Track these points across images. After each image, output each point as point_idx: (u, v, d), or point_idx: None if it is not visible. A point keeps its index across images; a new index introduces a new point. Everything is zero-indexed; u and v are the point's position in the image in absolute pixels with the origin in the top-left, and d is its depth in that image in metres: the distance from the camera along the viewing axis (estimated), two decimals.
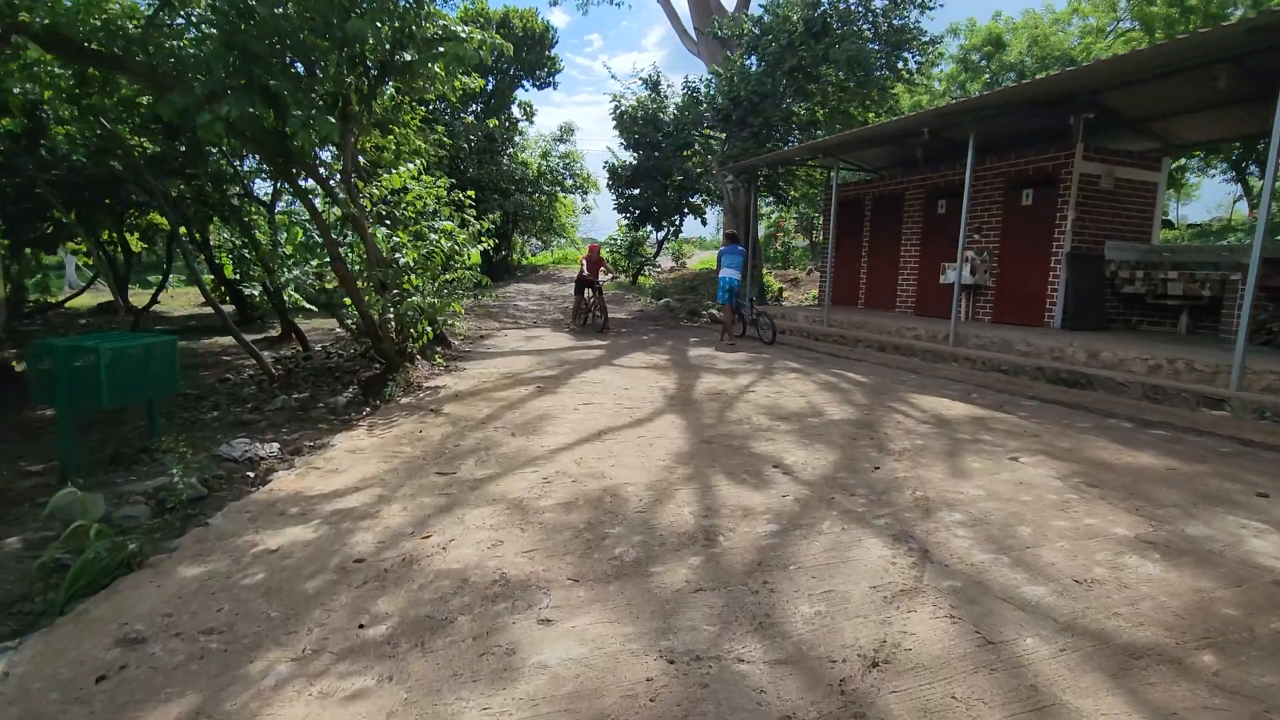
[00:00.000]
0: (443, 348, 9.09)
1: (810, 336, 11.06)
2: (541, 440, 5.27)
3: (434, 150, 13.54)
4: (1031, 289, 9.65)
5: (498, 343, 10.57)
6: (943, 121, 8.65)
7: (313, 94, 5.87)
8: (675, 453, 4.89)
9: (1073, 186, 9.02)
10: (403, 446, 5.19)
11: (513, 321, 13.58)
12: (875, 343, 9.67)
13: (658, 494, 4.08)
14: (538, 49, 25.61)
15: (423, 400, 6.61)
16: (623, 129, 14.99)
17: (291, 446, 5.29)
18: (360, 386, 6.94)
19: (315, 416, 6.20)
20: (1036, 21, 21.19)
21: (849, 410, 6.11)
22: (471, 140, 22.93)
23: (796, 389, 7.03)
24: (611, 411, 6.12)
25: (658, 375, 7.85)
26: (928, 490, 4.05)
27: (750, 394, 6.81)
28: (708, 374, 7.92)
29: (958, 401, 6.43)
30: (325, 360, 8.46)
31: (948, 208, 11.16)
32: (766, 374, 7.94)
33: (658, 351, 9.79)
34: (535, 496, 4.09)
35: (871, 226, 12.90)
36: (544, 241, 35.33)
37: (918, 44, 12.74)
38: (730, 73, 13.67)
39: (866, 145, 10.95)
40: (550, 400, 6.57)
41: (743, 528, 3.57)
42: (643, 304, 17.15)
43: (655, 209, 15.64)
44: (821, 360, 9.05)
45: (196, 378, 9.57)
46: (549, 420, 5.84)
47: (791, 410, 6.10)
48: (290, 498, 4.19)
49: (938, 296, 11.25)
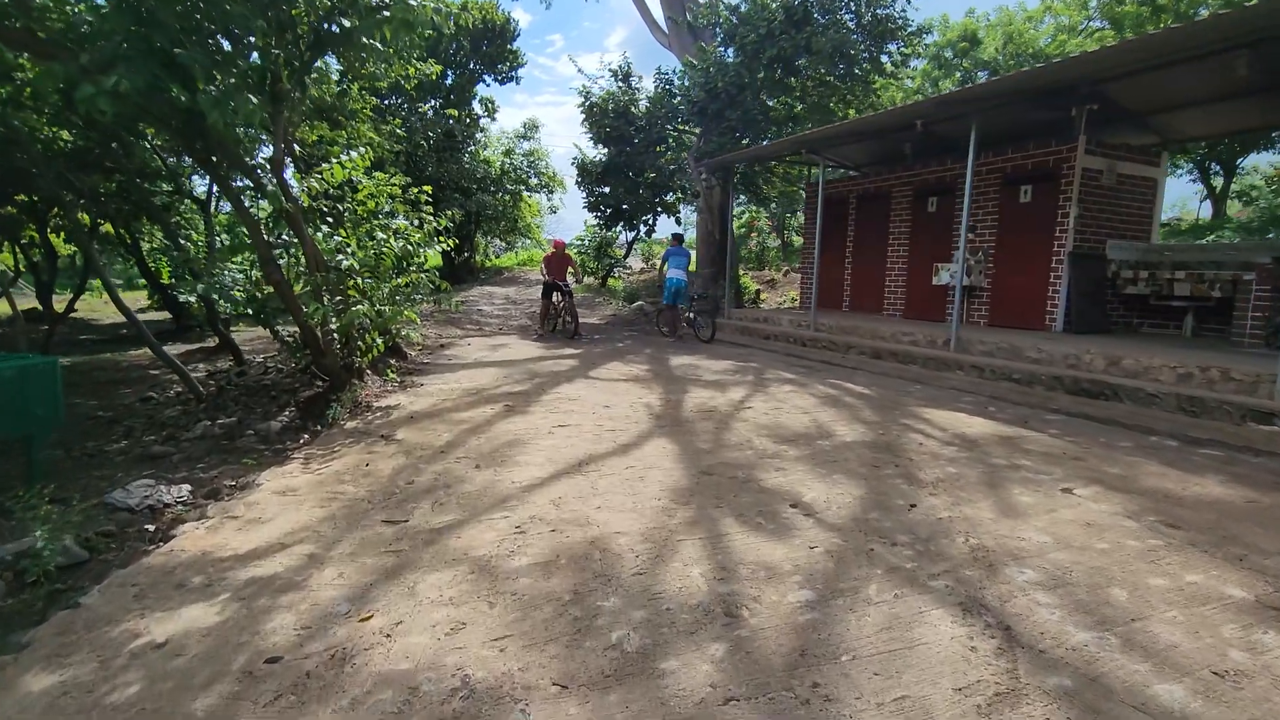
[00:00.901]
0: (397, 360, 8.19)
1: (797, 342, 10.42)
2: (512, 474, 4.46)
3: (388, 144, 12.60)
4: (1031, 290, 9.14)
5: (460, 353, 9.68)
6: (941, 112, 8.07)
7: (233, 67, 4.97)
8: (672, 488, 4.13)
9: (1075, 182, 8.53)
10: (344, 485, 4.34)
11: (476, 328, 12.68)
12: (869, 349, 9.06)
13: (657, 547, 3.31)
14: (499, 42, 24.60)
15: (372, 424, 5.73)
16: (592, 123, 14.19)
17: (207, 488, 4.39)
18: (299, 408, 6.03)
19: (242, 447, 5.28)
20: (1011, 19, 21.06)
21: (860, 429, 5.43)
22: (430, 137, 21.89)
23: (796, 404, 6.33)
24: (592, 435, 5.33)
25: (640, 389, 7.09)
26: (982, 535, 3.36)
27: (746, 410, 6.09)
28: (695, 387, 7.19)
29: (976, 417, 5.80)
30: (262, 376, 7.49)
31: (939, 205, 10.63)
32: (759, 386, 7.24)
33: (636, 361, 9.02)
34: (506, 553, 3.29)
35: (856, 226, 12.34)
36: (508, 243, 34.29)
37: (902, 34, 12.22)
38: (706, 64, 12.99)
39: (855, 139, 10.37)
40: (521, 422, 5.75)
41: (769, 594, 2.83)
42: (615, 308, 16.38)
43: (627, 207, 14.87)
44: (814, 369, 8.39)
45: (115, 396, 8.53)
46: (520, 447, 5.03)
47: (796, 431, 5.39)
48: (195, 561, 3.32)
49: (929, 299, 10.72)
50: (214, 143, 5.23)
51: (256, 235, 5.68)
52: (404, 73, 10.33)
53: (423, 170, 20.46)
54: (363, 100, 10.55)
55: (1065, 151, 8.63)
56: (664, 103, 14.04)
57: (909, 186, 11.18)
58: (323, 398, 6.11)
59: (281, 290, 5.96)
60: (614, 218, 15.43)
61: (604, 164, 14.60)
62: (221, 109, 4.47)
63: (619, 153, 14.17)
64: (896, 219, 11.43)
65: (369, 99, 10.96)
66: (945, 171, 10.48)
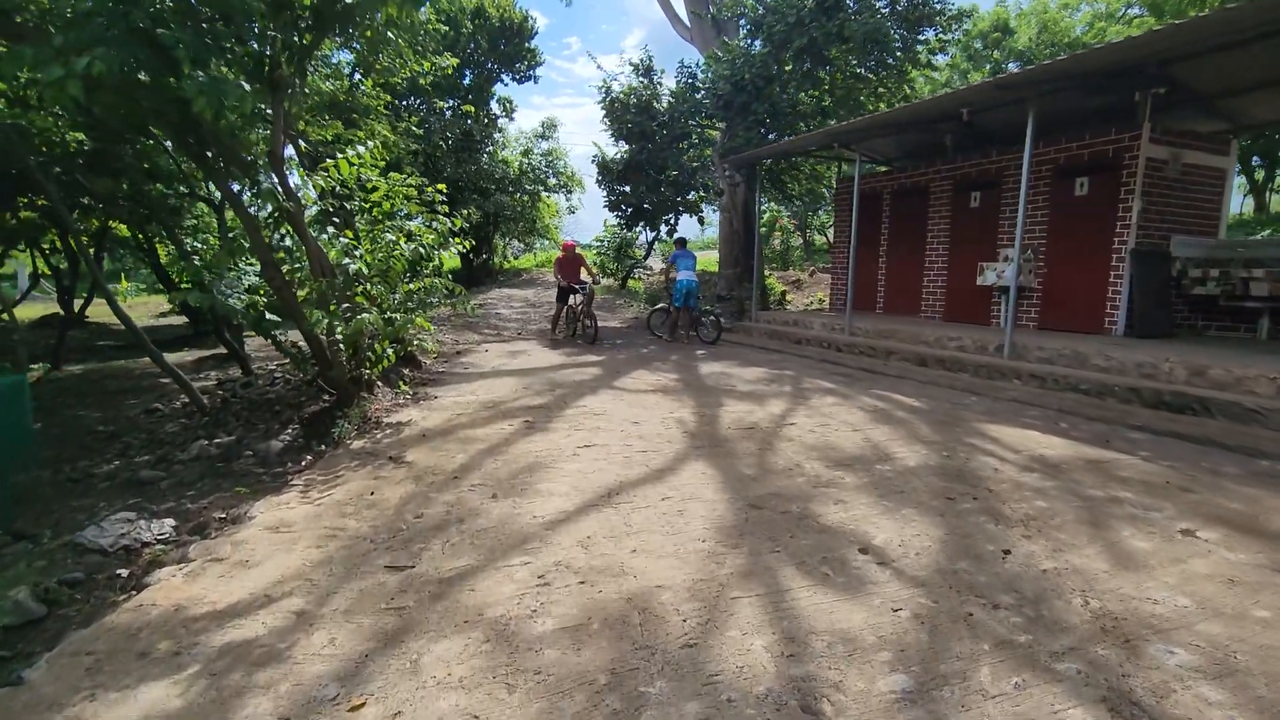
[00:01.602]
0: (411, 369, 7.72)
1: (832, 348, 9.82)
2: (533, 505, 3.94)
3: (404, 143, 12.18)
4: (1087, 291, 8.47)
5: (477, 360, 9.20)
6: (993, 97, 7.44)
7: (226, 51, 4.51)
8: (717, 525, 3.59)
9: (1138, 173, 7.85)
10: (345, 519, 3.84)
11: (494, 333, 12.21)
12: (912, 355, 8.44)
13: (708, 607, 2.77)
14: (516, 40, 24.24)
15: (380, 443, 5.24)
16: (613, 118, 13.66)
17: (194, 522, 3.91)
18: (302, 425, 5.56)
19: (239, 470, 4.81)
20: (1045, 6, 20.21)
21: (922, 451, 4.84)
22: (448, 138, 21.57)
23: (843, 419, 5.76)
24: (621, 457, 4.80)
25: (669, 401, 6.55)
26: (1102, 595, 2.77)
27: (789, 427, 5.52)
28: (729, 399, 6.63)
29: (1050, 435, 5.19)
30: (269, 388, 7.06)
31: (982, 200, 9.97)
32: (799, 398, 6.66)
33: (663, 369, 8.48)
34: (528, 612, 2.77)
35: (891, 223, 11.70)
36: (526, 244, 33.93)
37: (940, 20, 11.56)
38: (731, 55, 12.41)
39: (892, 131, 9.76)
40: (542, 441, 5.23)
41: (854, 680, 2.28)
42: (635, 310, 15.86)
43: (648, 206, 14.33)
44: (855, 378, 7.79)
45: (121, 408, 8.15)
46: (542, 472, 4.51)
47: (850, 452, 4.82)
48: (166, 620, 2.83)
49: (972, 300, 10.07)
50: (208, 136, 4.77)
51: (255, 237, 5.22)
52: (419, 68, 9.90)
53: (441, 171, 20.12)
54: (377, 96, 10.14)
55: (1128, 140, 7.95)
56: (687, 97, 13.48)
57: (949, 181, 10.53)
58: (329, 413, 5.64)
59: (284, 296, 5.50)
60: (635, 217, 14.89)
61: (625, 161, 14.07)
62: (209, 96, 4.00)
63: (640, 150, 13.63)
64: (935, 215, 10.78)
65: (383, 95, 10.55)
66: (990, 164, 9.81)
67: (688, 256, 11.42)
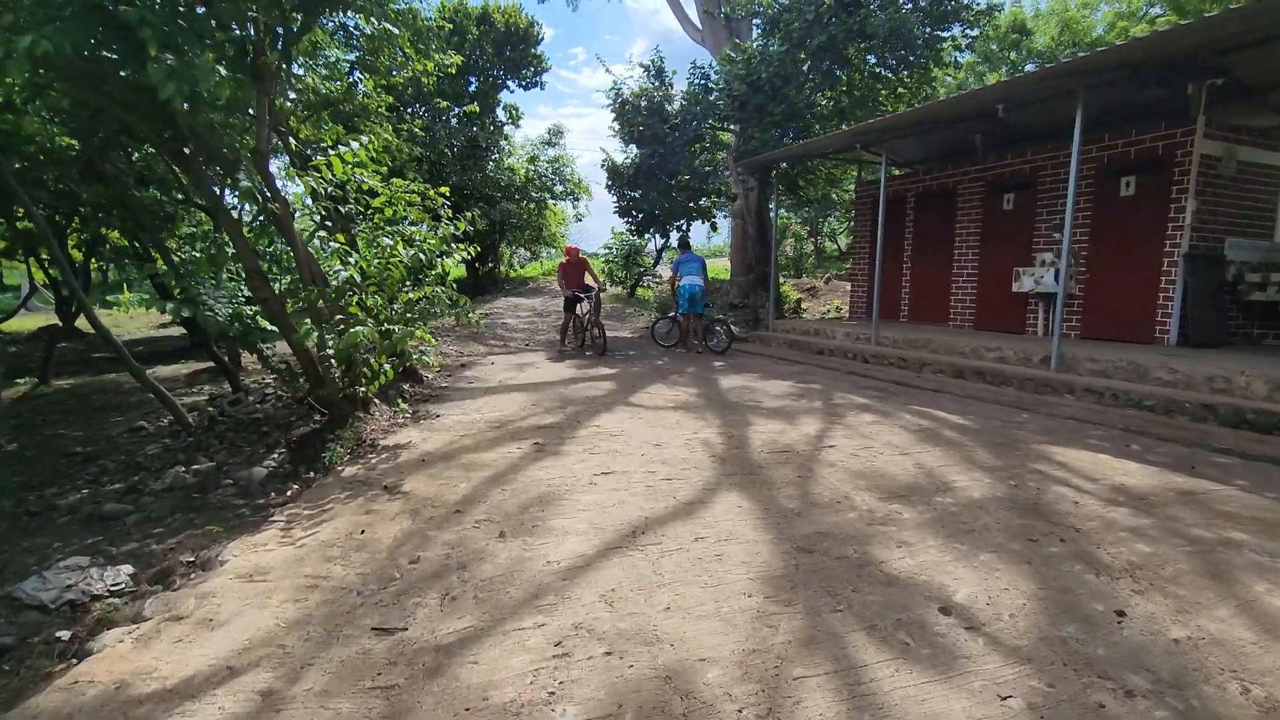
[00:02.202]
0: (412, 384, 7.22)
1: (858, 358, 9.27)
2: (546, 547, 3.42)
3: (407, 148, 11.75)
4: (1135, 297, 7.91)
5: (483, 373, 8.69)
6: (1039, 90, 6.93)
7: (205, 36, 4.04)
8: (763, 574, 3.05)
9: (1192, 171, 7.31)
10: (331, 564, 3.32)
11: (501, 344, 11.71)
12: (947, 367, 7.88)
13: (766, 691, 2.23)
14: (522, 46, 23.91)
15: (375, 470, 4.73)
16: (623, 121, 13.20)
17: (157, 568, 3.41)
18: (290, 449, 5.06)
19: (216, 503, 4.31)
20: (1065, 5, 19.70)
21: (984, 479, 4.29)
22: (454, 145, 21.21)
23: (887, 440, 5.21)
24: (644, 486, 4.27)
25: (692, 420, 6.01)
26: (1261, 679, 2.22)
27: (828, 450, 4.98)
28: (757, 416, 6.09)
29: (1125, 460, 4.63)
30: (258, 405, 6.57)
31: (1016, 202, 9.44)
32: (833, 415, 6.12)
33: (681, 383, 7.95)
34: (544, 697, 2.24)
35: (916, 227, 11.17)
36: (533, 252, 33.54)
37: (968, 15, 11.06)
38: (746, 55, 11.94)
39: (919, 130, 9.25)
40: (555, 467, 4.71)
41: None
42: (646, 320, 15.35)
43: (659, 212, 13.84)
44: (889, 392, 7.24)
45: (105, 426, 7.68)
46: (556, 506, 3.98)
47: (902, 481, 4.28)
48: (103, 702, 2.32)
49: (1006, 307, 9.51)
50: (184, 130, 4.30)
51: (240, 243, 4.74)
52: (422, 67, 9.46)
53: (446, 179, 19.72)
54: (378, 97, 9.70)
55: (1180, 136, 7.41)
56: (700, 99, 13.01)
57: (979, 182, 10.00)
58: (319, 435, 5.14)
59: (271, 307, 5.01)
60: (646, 223, 14.40)
61: (636, 165, 13.59)
62: (178, 81, 3.52)
63: (652, 153, 13.15)
64: (964, 219, 10.25)
65: (384, 97, 10.12)
66: (1024, 164, 9.28)
67: (693, 261, 10.96)
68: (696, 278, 10.80)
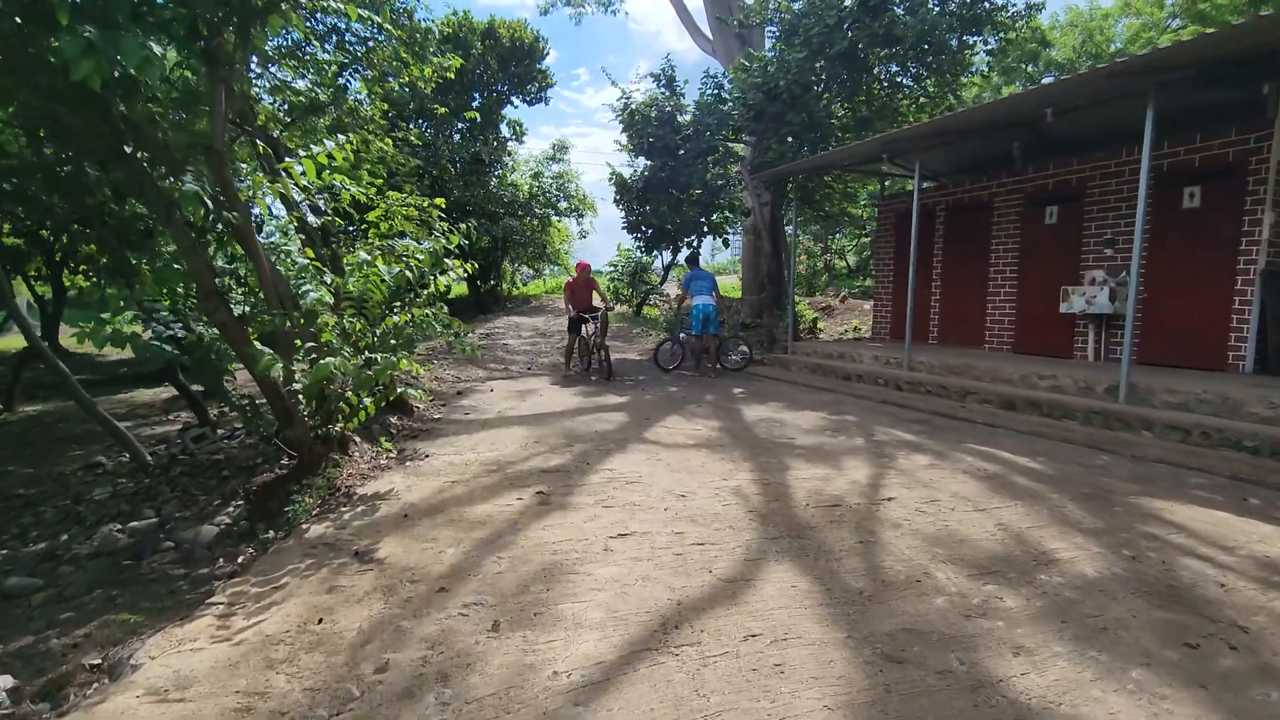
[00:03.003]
0: (400, 416, 6.46)
1: (890, 385, 8.50)
2: (553, 648, 2.64)
3: (404, 159, 11.10)
4: (1202, 319, 7.14)
5: (481, 402, 7.93)
6: (1100, 90, 6.22)
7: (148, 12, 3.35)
8: (844, 700, 2.27)
9: (1269, 181, 6.58)
10: (272, 672, 2.55)
11: (501, 368, 10.96)
12: (995, 396, 7.11)
13: None
14: (527, 61, 23.47)
15: (347, 528, 3.95)
16: (633, 132, 12.54)
17: (49, 677, 2.63)
18: (249, 500, 4.29)
19: (149, 573, 3.55)
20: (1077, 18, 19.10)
21: (1089, 546, 3.50)
22: (456, 160, 20.69)
23: (952, 490, 4.43)
24: (671, 554, 3.49)
25: (719, 462, 5.23)
26: None
27: (886, 503, 4.20)
28: (793, 457, 5.31)
29: (1252, 519, 3.84)
30: (225, 441, 5.81)
31: (1061, 216, 8.71)
32: (880, 456, 5.34)
33: (699, 413, 7.17)
34: None
35: (946, 243, 10.45)
36: (536, 270, 32.93)
37: (1002, 19, 10.42)
38: (763, 62, 11.31)
39: (953, 139, 8.55)
40: (562, 524, 3.93)
41: None
42: (654, 340, 14.59)
43: (670, 228, 13.15)
44: (933, 425, 6.46)
45: (61, 461, 6.95)
46: (563, 581, 3.20)
47: (988, 549, 3.49)
48: None
49: (1051, 329, 8.75)
50: (118, 121, 3.59)
51: (193, 258, 4.01)
52: (419, 72, 8.82)
53: (448, 194, 19.13)
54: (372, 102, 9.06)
55: (1254, 141, 6.69)
56: (713, 109, 12.36)
57: (1017, 195, 9.29)
58: (285, 483, 4.37)
59: (229, 334, 4.27)
60: (656, 239, 13.69)
61: (646, 179, 12.92)
62: (97, 60, 2.81)
63: (662, 166, 12.48)
64: (1001, 234, 9.52)
65: (378, 104, 9.49)
66: (1070, 174, 8.57)
67: (704, 278, 10.27)
68: (709, 297, 10.09)
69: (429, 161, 19.22)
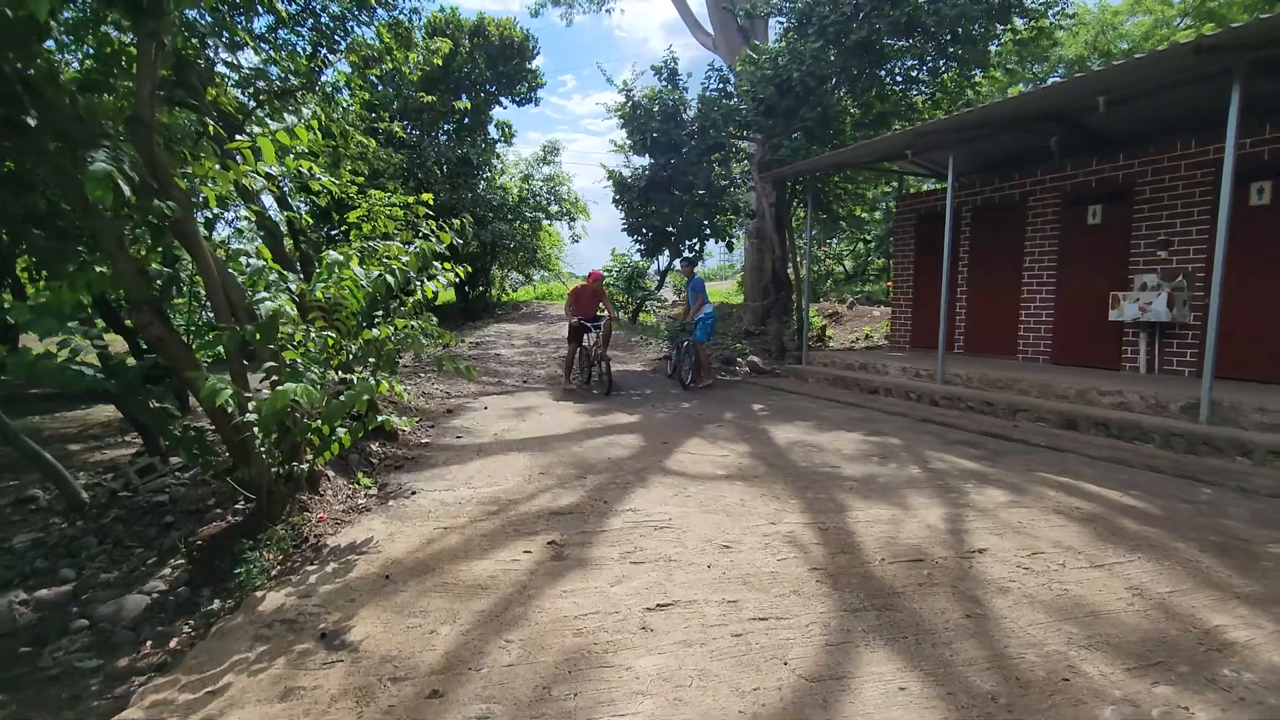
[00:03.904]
0: (382, 443, 5.64)
1: (924, 400, 7.77)
2: None
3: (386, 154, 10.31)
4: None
5: (474, 422, 7.12)
6: (1183, 68, 5.55)
7: None
8: None
9: None
10: None
11: (495, 381, 10.14)
12: (1051, 414, 6.39)
13: None
14: (516, 60, 22.72)
15: (312, 596, 3.14)
16: (634, 127, 11.77)
17: None
18: (192, 557, 3.47)
19: (53, 667, 2.72)
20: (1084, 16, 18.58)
21: (1254, 618, 2.76)
22: (444, 162, 19.90)
23: (1050, 536, 3.68)
24: (729, 636, 2.70)
25: (759, 498, 4.46)
26: None
27: (978, 558, 3.44)
28: (844, 492, 4.54)
29: None
30: (172, 478, 4.96)
31: (1106, 215, 8.05)
32: (945, 489, 4.58)
33: (722, 435, 6.39)
34: None
35: (972, 245, 9.77)
36: (526, 276, 32.09)
37: (1032, 5, 9.80)
38: (774, 54, 10.62)
39: (992, 131, 7.86)
40: (582, 589, 3.14)
41: None
42: (655, 349, 13.82)
43: (672, 230, 12.41)
44: (991, 449, 5.73)
45: None
46: (595, 680, 2.41)
47: (1130, 625, 2.73)
48: None
49: (1096, 338, 8.08)
50: (12, 83, 2.78)
51: (118, 258, 3.20)
52: (403, 57, 8.03)
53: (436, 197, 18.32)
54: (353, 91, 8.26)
55: None
56: (718, 104, 11.65)
57: (1054, 193, 8.63)
58: (239, 534, 3.55)
59: (167, 351, 3.46)
60: (658, 242, 12.94)
61: (648, 178, 12.16)
62: None
63: (665, 164, 11.73)
64: (1036, 235, 8.86)
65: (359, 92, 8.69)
66: (1115, 170, 7.92)
67: (702, 285, 9.59)
68: (709, 305, 9.43)
69: (415, 163, 18.42)
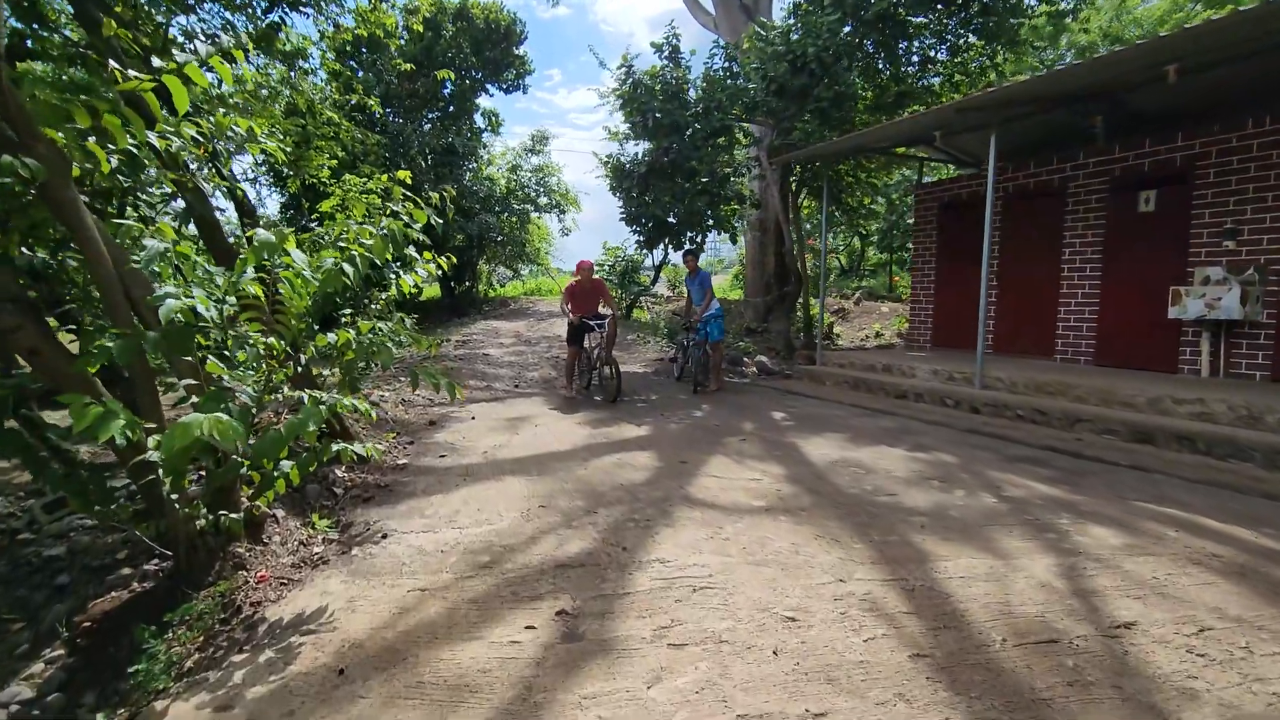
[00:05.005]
0: (350, 467, 4.74)
1: (960, 406, 6.97)
2: None
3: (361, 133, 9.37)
4: None
5: (460, 437, 6.22)
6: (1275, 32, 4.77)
7: None
8: None
9: None
10: None
11: (483, 385, 9.22)
12: (1120, 426, 5.61)
13: None
14: (503, 45, 21.71)
15: (234, 703, 2.25)
16: (635, 107, 10.85)
17: None
18: (75, 646, 2.58)
19: None
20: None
21: None
22: (428, 152, 18.93)
23: (1201, 599, 2.87)
24: None
25: (813, 539, 3.61)
26: None
27: (1129, 636, 2.62)
28: (915, 532, 3.71)
29: None
30: (74, 522, 4.03)
31: (1160, 202, 7.29)
32: (1037, 527, 3.76)
33: (749, 452, 5.54)
34: None
35: (1004, 236, 8.99)
36: (514, 270, 31.08)
37: None
38: (785, 29, 9.78)
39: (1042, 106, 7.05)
40: (611, 696, 2.26)
41: None
42: (655, 349, 12.96)
43: (674, 220, 11.54)
44: (1061, 468, 4.93)
45: None
46: None
47: None
48: None
49: (1148, 337, 7.32)
50: None
51: None
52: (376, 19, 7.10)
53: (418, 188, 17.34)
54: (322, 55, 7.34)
55: None
56: (724, 84, 10.78)
57: (1100, 178, 7.86)
58: (142, 609, 2.66)
59: (41, 365, 2.56)
60: (658, 232, 12.06)
61: (648, 163, 11.27)
62: None
63: (667, 149, 10.84)
64: (1077, 224, 8.09)
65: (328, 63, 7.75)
66: (1172, 152, 7.15)
67: (708, 279, 8.73)
68: (716, 301, 8.59)
69: (397, 151, 17.45)
